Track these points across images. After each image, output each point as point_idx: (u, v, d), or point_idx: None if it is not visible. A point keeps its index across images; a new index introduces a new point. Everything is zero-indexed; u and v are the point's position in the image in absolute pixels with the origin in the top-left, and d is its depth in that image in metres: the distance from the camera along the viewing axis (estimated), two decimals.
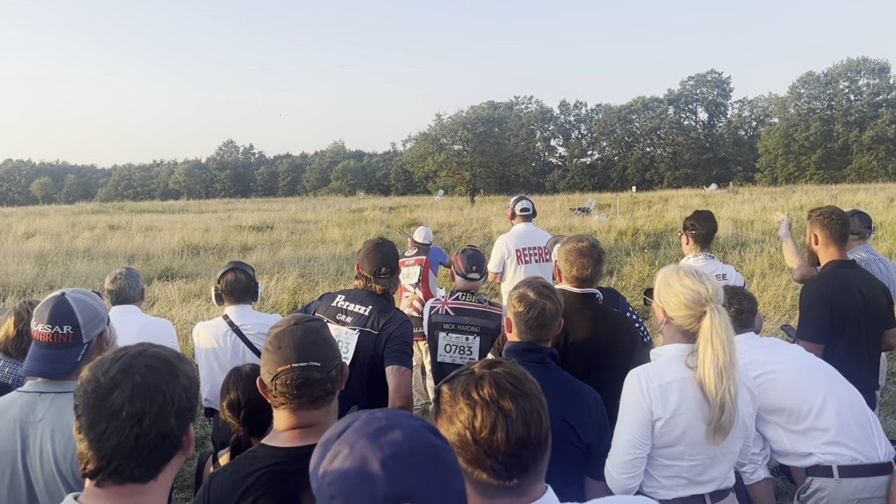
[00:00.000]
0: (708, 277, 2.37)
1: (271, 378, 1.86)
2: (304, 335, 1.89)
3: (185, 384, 1.51)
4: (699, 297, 2.30)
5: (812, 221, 3.83)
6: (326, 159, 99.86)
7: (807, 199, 26.92)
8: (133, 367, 1.45)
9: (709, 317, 2.26)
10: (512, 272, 5.93)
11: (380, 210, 32.81)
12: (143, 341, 2.72)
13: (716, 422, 2.23)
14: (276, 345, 1.88)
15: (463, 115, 49.95)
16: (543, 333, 2.56)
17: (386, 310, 3.40)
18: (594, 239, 3.22)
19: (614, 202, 30.41)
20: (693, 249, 4.47)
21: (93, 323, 2.28)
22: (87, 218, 30.26)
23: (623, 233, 18.04)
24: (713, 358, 2.21)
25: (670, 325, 2.41)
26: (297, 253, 16.85)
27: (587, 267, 3.09)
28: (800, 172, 66.74)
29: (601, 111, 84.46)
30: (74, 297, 2.27)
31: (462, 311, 4.07)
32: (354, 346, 3.32)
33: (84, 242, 19.27)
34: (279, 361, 1.85)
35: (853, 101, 66.91)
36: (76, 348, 2.23)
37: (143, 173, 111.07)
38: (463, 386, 1.41)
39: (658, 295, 2.45)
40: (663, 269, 2.52)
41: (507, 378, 1.42)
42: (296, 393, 1.83)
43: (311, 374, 1.85)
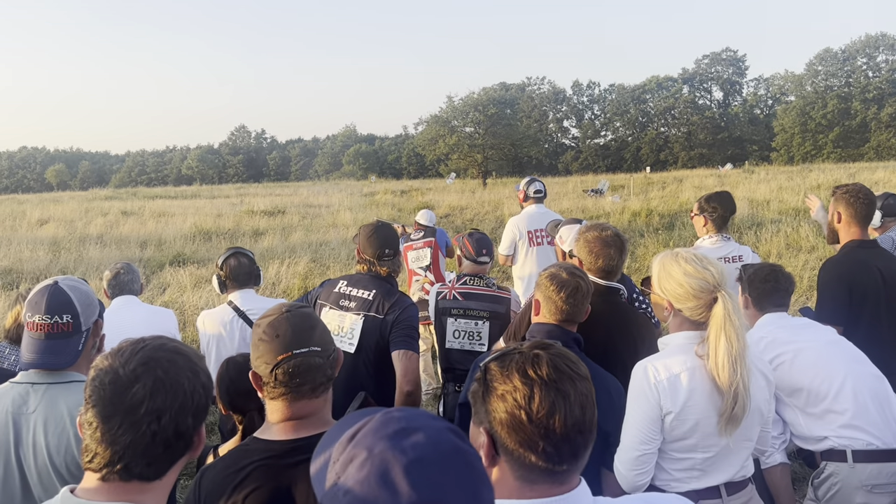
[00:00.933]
0: (710, 261, 2.25)
1: (270, 368, 1.76)
2: (300, 321, 1.82)
3: (205, 382, 1.46)
4: (706, 285, 2.19)
5: (837, 198, 3.70)
6: (338, 143, 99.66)
7: (824, 177, 26.51)
8: (155, 361, 1.39)
9: (721, 304, 2.14)
10: (524, 255, 5.85)
11: (391, 194, 32.70)
12: (149, 331, 2.67)
13: (728, 412, 2.13)
14: (273, 333, 1.79)
15: (474, 97, 49.53)
16: (574, 312, 2.51)
17: (390, 293, 3.32)
18: (616, 228, 3.11)
19: (628, 183, 30.11)
20: (710, 231, 4.34)
21: (90, 310, 2.23)
22: (101, 204, 30.37)
23: (637, 214, 17.86)
24: (727, 346, 2.11)
25: (678, 317, 2.30)
26: (309, 237, 16.83)
27: (613, 257, 2.98)
28: (817, 151, 65.82)
29: (614, 91, 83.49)
30: (69, 284, 2.22)
31: (470, 295, 3.97)
32: (360, 331, 3.25)
33: (97, 229, 19.35)
34: (278, 350, 1.77)
35: (871, 78, 65.75)
36: (76, 337, 2.17)
37: (157, 159, 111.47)
38: (519, 364, 1.35)
39: (660, 286, 2.32)
40: (659, 256, 2.38)
41: (563, 360, 1.36)
42: (298, 381, 1.76)
43: (314, 360, 1.77)
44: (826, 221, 4.28)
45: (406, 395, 3.04)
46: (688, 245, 13.07)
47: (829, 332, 3.03)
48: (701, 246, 4.30)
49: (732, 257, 4.18)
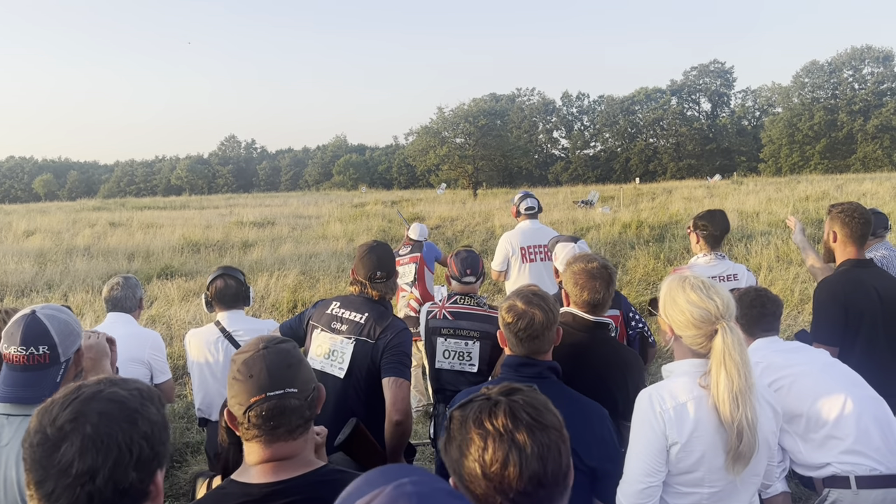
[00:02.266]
0: (717, 290, 2.16)
1: (243, 410, 1.67)
2: (276, 359, 1.71)
3: (146, 431, 1.32)
4: (708, 315, 2.10)
5: (832, 217, 3.66)
6: (328, 153, 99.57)
7: (812, 189, 26.65)
8: (84, 416, 1.27)
9: (720, 337, 2.06)
10: (517, 271, 5.78)
11: (382, 204, 32.63)
12: (121, 355, 2.56)
13: (734, 450, 2.04)
14: (247, 372, 1.69)
15: (465, 108, 49.66)
16: (536, 345, 2.38)
17: (383, 317, 3.23)
18: (604, 259, 3.01)
19: (618, 194, 30.18)
20: (703, 249, 4.30)
21: (69, 339, 2.14)
22: (89, 215, 30.14)
23: (627, 226, 17.85)
24: (727, 382, 2.02)
25: (680, 344, 2.23)
26: (299, 249, 16.71)
27: (599, 290, 2.85)
28: (804, 162, 66.33)
29: (604, 102, 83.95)
30: (46, 313, 2.13)
31: (460, 314, 3.89)
32: (350, 356, 3.17)
33: (84, 240, 19.15)
34: (251, 391, 1.67)
35: (857, 90, 66.41)
36: (55, 368, 2.09)
37: (146, 169, 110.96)
38: (475, 413, 1.30)
39: (664, 310, 2.24)
40: (667, 279, 2.30)
41: (524, 407, 1.29)
42: (272, 424, 1.66)
43: (289, 402, 1.68)
44: (804, 245, 4.26)
45: (395, 425, 2.94)
46: (679, 258, 13.09)
47: (824, 355, 2.98)
48: (695, 264, 4.26)
49: (727, 276, 4.14)
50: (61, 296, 11.67)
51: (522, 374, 2.35)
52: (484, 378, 3.75)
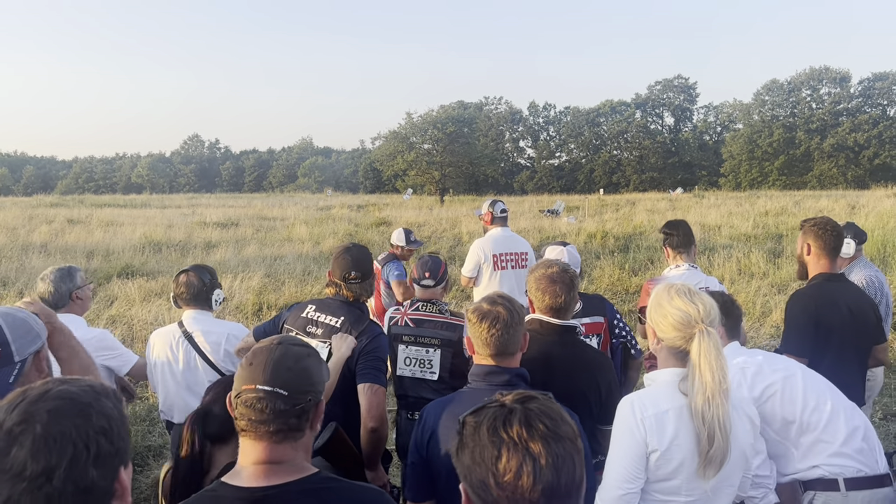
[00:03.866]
0: (700, 297, 2.22)
1: (235, 394, 1.69)
2: (281, 357, 1.71)
3: (102, 425, 1.26)
4: (689, 318, 2.15)
5: (805, 231, 3.73)
6: (294, 155, 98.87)
7: (771, 204, 27.30)
8: (32, 416, 1.21)
9: (697, 339, 2.11)
10: (487, 278, 5.75)
11: (348, 208, 32.47)
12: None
13: (705, 453, 2.07)
14: (250, 360, 1.71)
15: (433, 115, 49.83)
16: (503, 345, 2.34)
17: (359, 321, 3.18)
18: (564, 264, 3.01)
19: (583, 204, 30.52)
20: (675, 259, 4.37)
21: (25, 339, 2.02)
22: (46, 211, 29.38)
23: (592, 236, 18.04)
24: (701, 384, 2.07)
25: (663, 348, 2.27)
26: (263, 251, 16.50)
27: (560, 294, 2.84)
28: (763, 178, 67.96)
29: (569, 114, 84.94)
30: (3, 311, 2.03)
31: (422, 321, 3.85)
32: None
33: (41, 237, 18.65)
34: (246, 378, 1.68)
35: (815, 110, 68.37)
36: (7, 368, 1.97)
37: (105, 166, 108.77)
38: (490, 421, 1.28)
39: (650, 316, 2.30)
40: (656, 288, 2.35)
41: (539, 416, 1.28)
42: (254, 419, 1.64)
43: (274, 403, 1.65)
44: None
45: (370, 432, 2.90)
46: (643, 268, 13.28)
47: (798, 362, 3.03)
48: (667, 276, 4.31)
49: (698, 288, 4.19)
50: (16, 293, 11.32)
51: (491, 382, 2.33)
52: (445, 385, 3.71)
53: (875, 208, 21.87)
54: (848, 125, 64.43)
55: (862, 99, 67.53)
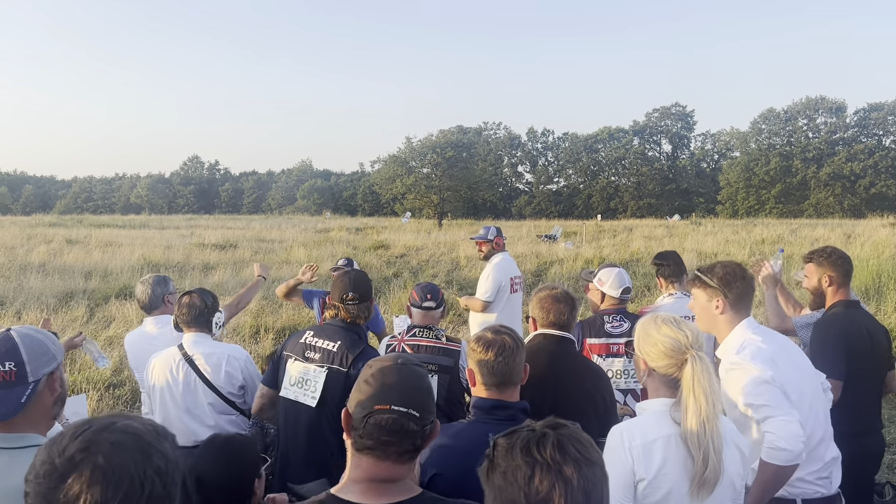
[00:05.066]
0: (686, 323, 2.30)
1: (364, 414, 1.66)
2: (411, 377, 1.73)
3: (159, 466, 1.25)
4: (679, 345, 2.22)
5: (821, 263, 3.75)
6: (293, 177, 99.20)
7: (768, 232, 27.43)
8: (96, 445, 1.20)
9: (690, 365, 2.17)
10: (503, 301, 5.97)
11: (346, 231, 32.57)
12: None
13: (699, 476, 2.12)
14: (381, 379, 1.69)
15: (432, 139, 50.20)
16: (508, 373, 2.40)
17: (355, 345, 3.23)
18: (567, 288, 3.25)
19: (580, 230, 30.64)
20: (668, 288, 4.44)
21: (41, 360, 2.04)
22: (44, 231, 29.43)
23: (589, 261, 18.11)
24: (696, 408, 2.12)
25: (653, 377, 2.33)
26: None
27: (564, 311, 3.09)
28: (760, 206, 68.30)
29: (568, 139, 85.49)
30: (21, 332, 2.05)
31: (419, 348, 3.85)
32: (322, 385, 3.17)
33: (39, 257, 18.66)
34: (378, 399, 1.66)
35: (811, 139, 68.94)
36: (20, 388, 1.98)
37: (105, 186, 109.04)
38: (523, 442, 1.32)
39: (638, 346, 2.36)
40: (641, 319, 2.44)
41: (572, 441, 1.33)
42: (385, 439, 1.64)
43: (407, 424, 1.66)
44: (779, 286, 4.36)
45: None
46: (640, 295, 13.32)
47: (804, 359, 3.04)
48: (661, 304, 4.38)
49: (691, 317, 4.24)
50: (14, 313, 11.33)
51: (496, 416, 2.36)
52: (441, 413, 3.68)
53: (871, 237, 21.99)
54: (844, 154, 64.93)
55: (858, 129, 68.19)
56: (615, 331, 3.99)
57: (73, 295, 13.26)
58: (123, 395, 7.59)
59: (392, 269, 17.83)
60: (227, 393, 3.64)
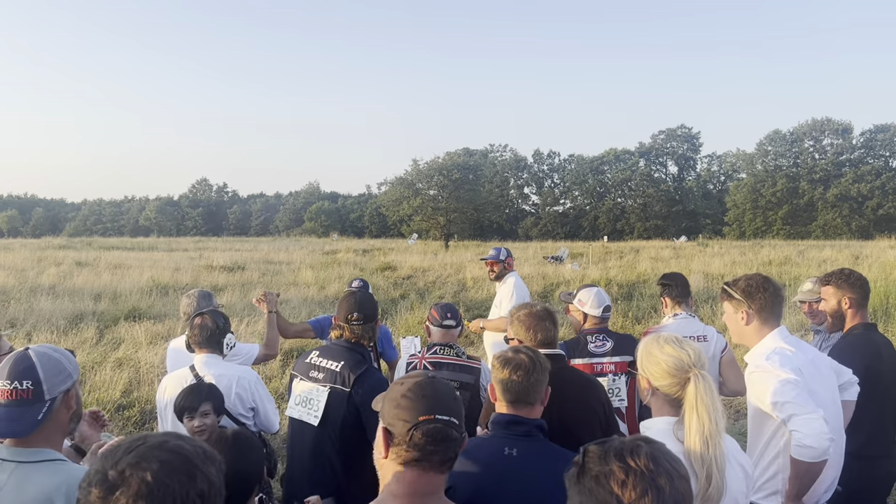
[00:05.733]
0: (688, 343, 2.35)
1: (409, 427, 1.70)
2: (445, 388, 1.81)
3: (202, 489, 1.29)
4: (682, 364, 2.27)
5: (840, 285, 3.77)
6: (301, 200, 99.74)
7: (775, 254, 27.38)
8: (146, 462, 1.26)
9: (693, 383, 2.22)
10: None
11: (353, 252, 32.66)
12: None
13: (703, 493, 2.14)
14: (420, 393, 1.76)
15: (439, 162, 50.40)
16: (524, 392, 2.45)
17: (358, 365, 3.27)
18: (543, 303, 3.29)
19: (587, 251, 30.65)
20: (674, 309, 4.48)
21: (57, 379, 2.11)
22: (54, 253, 29.64)
23: (596, 283, 18.04)
24: (699, 426, 2.16)
25: (657, 396, 2.36)
26: None
27: (549, 329, 3.11)
28: (767, 227, 68.19)
29: (574, 161, 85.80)
30: (38, 351, 2.13)
31: (440, 365, 3.88)
32: (324, 403, 3.22)
33: (49, 279, 18.82)
34: (422, 410, 1.71)
35: (818, 160, 68.97)
36: (37, 405, 2.06)
37: (114, 209, 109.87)
38: (617, 449, 1.37)
39: (641, 366, 2.41)
40: (644, 339, 2.49)
41: (664, 455, 1.38)
42: (432, 448, 1.70)
43: (451, 431, 1.73)
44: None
45: None
46: (647, 316, 13.32)
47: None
48: (666, 325, 4.41)
49: (697, 336, 4.29)
50: (25, 335, 11.43)
51: (512, 431, 2.41)
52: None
53: (879, 259, 21.93)
54: (851, 176, 64.88)
55: (864, 150, 68.20)
56: (598, 350, 4.05)
57: (82, 317, 13.36)
58: (133, 416, 7.63)
59: (399, 291, 17.89)
60: (238, 414, 3.68)
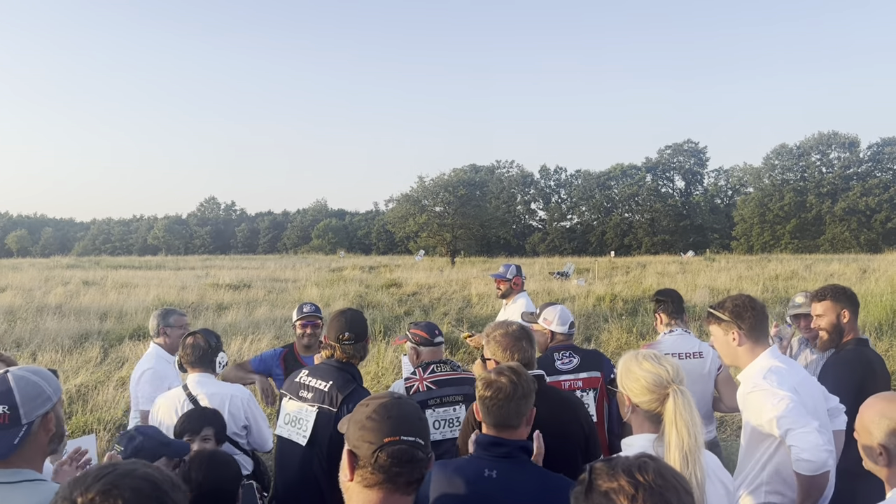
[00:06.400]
0: (667, 359, 2.35)
1: (374, 449, 1.69)
2: (411, 409, 1.80)
3: None
4: (660, 380, 2.27)
5: (838, 299, 3.78)
6: (308, 217, 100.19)
7: (782, 268, 27.27)
8: (117, 490, 1.27)
9: (671, 399, 2.22)
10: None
11: (360, 269, 32.74)
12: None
13: None
14: (385, 414, 1.75)
15: (445, 178, 50.62)
16: (503, 415, 2.41)
17: (346, 385, 3.26)
18: (518, 322, 3.24)
19: (593, 267, 30.61)
20: (669, 325, 4.47)
21: (34, 403, 2.09)
22: (62, 273, 29.83)
23: (601, 299, 18.06)
24: (678, 441, 2.16)
25: (637, 413, 2.36)
26: (273, 313, 16.62)
27: (526, 349, 3.03)
28: (775, 241, 67.98)
29: (580, 177, 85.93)
30: (16, 374, 2.11)
31: (443, 382, 3.84)
32: (312, 423, 3.21)
33: (56, 298, 18.91)
34: (387, 431, 1.71)
35: (825, 174, 68.87)
36: (13, 430, 2.04)
37: (122, 228, 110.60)
38: (624, 465, 1.39)
39: (621, 383, 2.41)
40: (623, 357, 2.47)
41: (670, 472, 1.40)
42: (398, 470, 1.69)
43: (416, 452, 1.72)
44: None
45: None
46: (651, 332, 13.25)
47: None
48: (662, 340, 4.40)
49: (692, 353, 4.26)
50: (30, 355, 11.47)
51: (492, 453, 2.38)
52: None
53: (886, 272, 21.79)
54: (859, 189, 64.72)
55: (872, 163, 68.08)
56: (565, 367, 4.02)
57: (87, 336, 13.40)
58: None
59: (404, 308, 17.88)
60: (231, 433, 3.69)
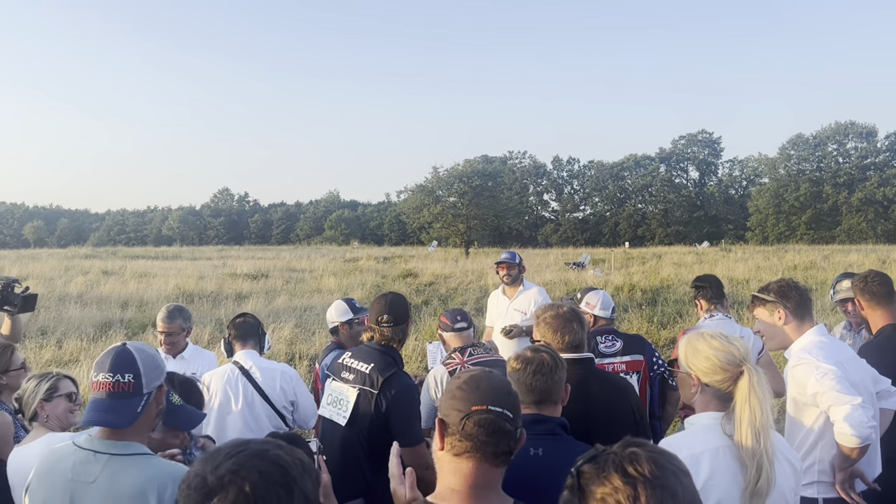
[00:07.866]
0: (734, 337, 2.33)
1: (462, 416, 1.71)
2: (501, 383, 1.81)
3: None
4: (734, 358, 2.24)
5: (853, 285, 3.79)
6: (321, 208, 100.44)
7: (800, 258, 27.10)
8: (245, 470, 1.23)
9: (746, 376, 2.20)
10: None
11: (374, 260, 32.80)
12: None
13: (753, 485, 2.12)
14: (474, 384, 1.76)
15: (459, 169, 50.59)
16: (547, 390, 2.42)
17: (387, 368, 3.26)
18: (570, 304, 3.23)
19: (608, 257, 30.53)
20: (709, 309, 4.47)
21: (154, 373, 2.20)
22: (80, 262, 30.11)
23: (620, 288, 18.03)
24: (751, 417, 2.14)
25: (705, 392, 2.33)
26: (293, 302, 16.73)
27: (577, 331, 3.01)
28: (790, 232, 67.46)
29: (593, 167, 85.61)
30: (135, 346, 2.22)
31: (481, 364, 3.86)
32: (353, 404, 3.23)
33: (77, 287, 19.12)
34: (475, 401, 1.72)
35: (842, 164, 68.19)
36: (137, 398, 2.13)
37: (137, 219, 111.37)
38: (616, 462, 1.26)
39: (687, 362, 2.36)
40: (684, 336, 2.44)
41: (663, 456, 1.28)
42: (485, 439, 1.69)
43: (504, 424, 1.72)
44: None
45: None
46: (671, 322, 13.23)
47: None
48: (703, 326, 4.39)
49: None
50: (55, 343, 11.61)
51: (534, 431, 2.33)
52: None
53: None
54: (876, 179, 64.07)
55: (889, 153, 67.31)
56: (608, 350, 4.07)
57: (110, 324, 13.55)
58: None
59: (422, 297, 17.94)
60: (281, 407, 3.78)
